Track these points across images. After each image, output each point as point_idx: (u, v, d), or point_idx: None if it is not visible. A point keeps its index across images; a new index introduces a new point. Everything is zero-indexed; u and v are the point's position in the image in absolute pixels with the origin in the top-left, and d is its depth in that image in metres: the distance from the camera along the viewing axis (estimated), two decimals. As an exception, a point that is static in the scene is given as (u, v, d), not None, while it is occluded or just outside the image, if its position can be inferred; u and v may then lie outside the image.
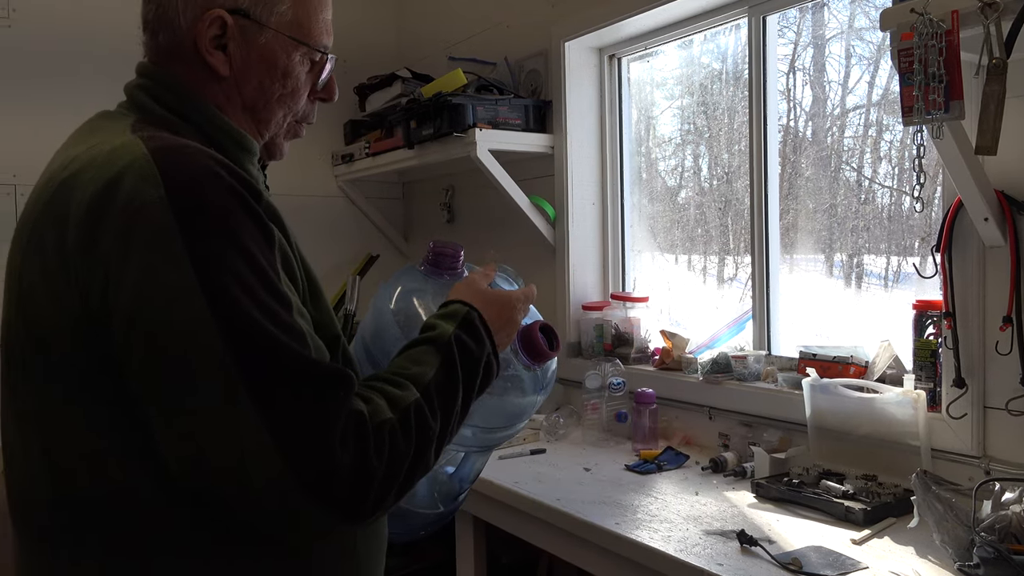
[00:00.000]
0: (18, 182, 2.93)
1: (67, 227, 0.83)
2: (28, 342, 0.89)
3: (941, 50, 1.42)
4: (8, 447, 0.97)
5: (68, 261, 0.83)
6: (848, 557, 1.46)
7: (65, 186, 0.86)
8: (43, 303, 0.86)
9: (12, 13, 2.92)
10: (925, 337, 1.80)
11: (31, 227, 0.90)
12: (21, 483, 0.95)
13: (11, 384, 0.95)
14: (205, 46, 0.95)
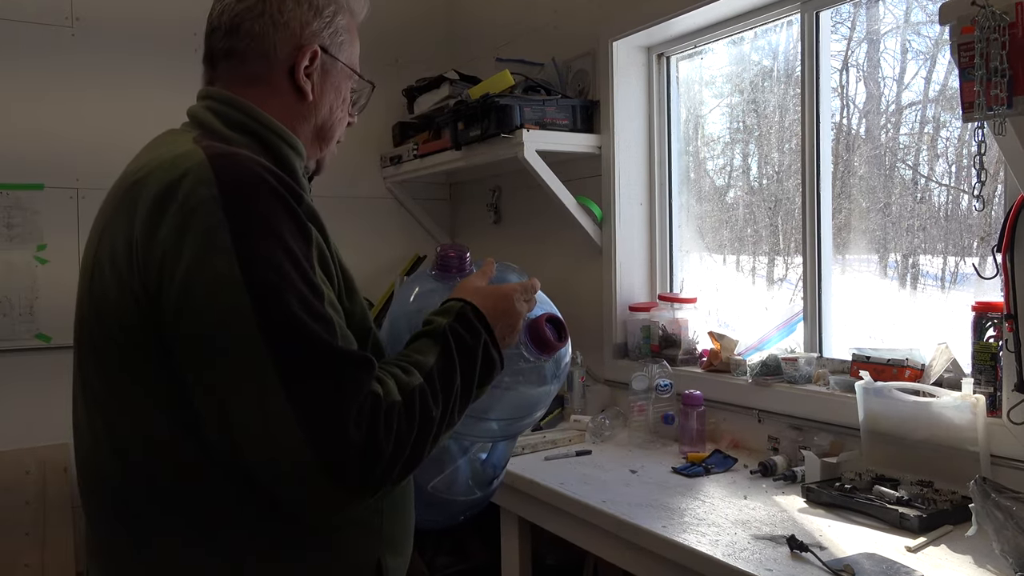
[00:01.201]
0: (80, 186, 3.03)
1: (135, 221, 0.94)
2: (99, 330, 1.00)
3: (1004, 43, 1.38)
4: (80, 433, 1.07)
5: (133, 250, 0.93)
6: (903, 565, 1.42)
7: (135, 187, 0.98)
8: (112, 291, 0.96)
9: (76, 22, 3.02)
10: (985, 340, 1.75)
11: (103, 225, 1.02)
12: (93, 466, 1.05)
13: (84, 375, 1.05)
14: (300, 75, 1.10)
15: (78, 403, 1.08)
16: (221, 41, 1.09)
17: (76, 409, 1.09)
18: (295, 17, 1.09)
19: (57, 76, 2.98)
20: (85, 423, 1.06)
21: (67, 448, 2.99)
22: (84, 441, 1.07)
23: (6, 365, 2.94)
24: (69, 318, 2.06)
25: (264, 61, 1.08)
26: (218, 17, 1.09)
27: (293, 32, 1.09)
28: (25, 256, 2.96)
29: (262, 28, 1.07)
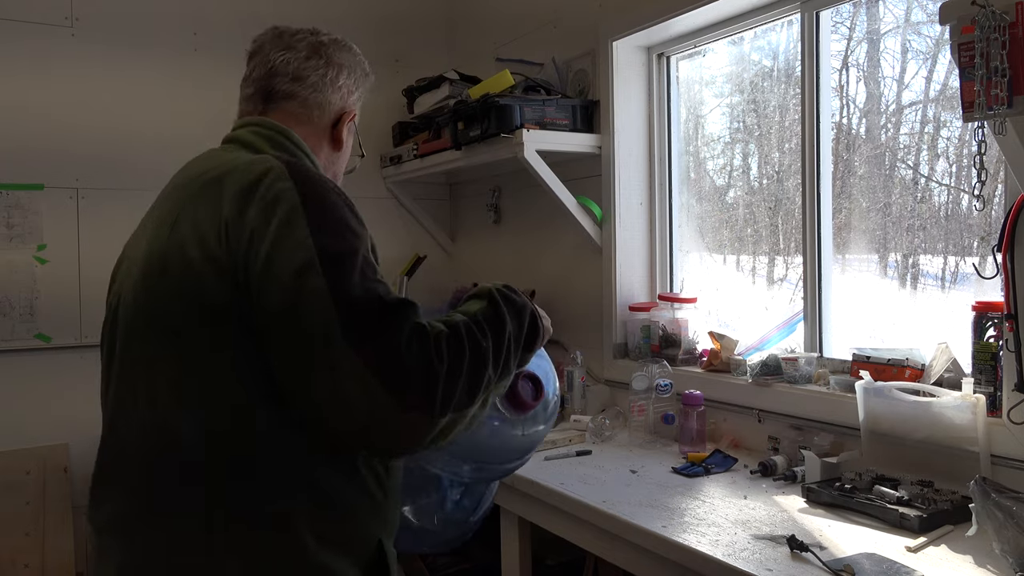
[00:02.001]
0: (80, 186, 3.03)
1: (221, 207, 1.09)
2: (178, 310, 1.08)
3: (1004, 43, 1.38)
4: (133, 414, 1.12)
5: (222, 229, 1.07)
6: (903, 565, 1.42)
7: (214, 183, 1.13)
8: (197, 272, 1.07)
9: (76, 22, 3.02)
10: (985, 340, 1.75)
11: (173, 219, 1.14)
12: (156, 443, 1.09)
13: (145, 356, 1.11)
14: (342, 129, 1.37)
15: (130, 386, 1.13)
16: (286, 85, 1.31)
17: (123, 393, 1.15)
18: (346, 85, 1.36)
19: (57, 76, 2.98)
20: (143, 403, 1.11)
21: (67, 448, 2.99)
22: (140, 421, 1.11)
23: (6, 365, 2.93)
24: (69, 318, 2.11)
25: (318, 110, 1.32)
26: (283, 64, 1.32)
27: (342, 96, 1.36)
28: (25, 256, 2.95)
29: (323, 85, 1.33)
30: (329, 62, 1.35)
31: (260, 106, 1.32)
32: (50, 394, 2.99)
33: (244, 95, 1.36)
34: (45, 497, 2.90)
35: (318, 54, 1.35)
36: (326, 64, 1.34)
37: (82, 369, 3.04)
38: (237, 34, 3.29)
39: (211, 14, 3.25)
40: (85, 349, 3.05)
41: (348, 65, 1.37)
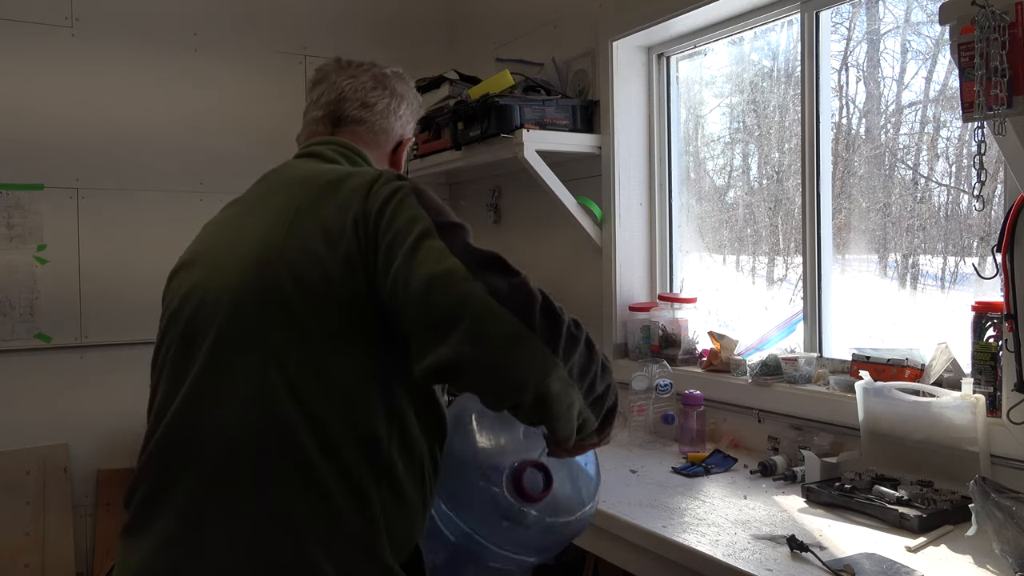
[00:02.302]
0: (80, 186, 3.03)
1: (347, 202, 1.17)
2: (301, 304, 1.13)
3: (1004, 43, 1.38)
4: (240, 406, 1.12)
5: (349, 218, 1.15)
6: (903, 565, 1.42)
7: (332, 185, 1.22)
8: (330, 266, 1.13)
9: (76, 22, 3.02)
10: (985, 340, 1.75)
11: (291, 217, 1.19)
12: (272, 436, 1.10)
13: (258, 351, 1.13)
14: (401, 153, 1.49)
15: (225, 383, 1.14)
16: (355, 110, 1.41)
17: (211, 390, 1.15)
18: (405, 115, 1.49)
19: (57, 76, 2.98)
20: (249, 400, 1.12)
21: (67, 448, 2.99)
22: (239, 417, 1.12)
23: (6, 365, 2.93)
24: (69, 318, 2.11)
25: (384, 136, 1.45)
26: (352, 91, 1.41)
27: (402, 124, 1.49)
28: (25, 256, 2.96)
29: (388, 113, 1.45)
30: (393, 92, 1.47)
31: (330, 128, 1.42)
32: (50, 394, 2.99)
33: (312, 117, 1.45)
34: (45, 497, 2.90)
35: (382, 84, 1.46)
36: (390, 94, 1.46)
37: (82, 369, 3.05)
38: (237, 34, 3.30)
39: (211, 14, 3.25)
40: (85, 349, 3.05)
41: (408, 97, 1.51)
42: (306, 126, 1.47)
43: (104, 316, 3.07)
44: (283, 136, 3.40)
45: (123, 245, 3.09)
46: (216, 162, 3.26)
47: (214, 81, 3.26)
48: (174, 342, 1.24)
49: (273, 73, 3.37)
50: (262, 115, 3.35)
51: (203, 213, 3.61)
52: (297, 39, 3.41)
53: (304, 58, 3.43)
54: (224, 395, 1.14)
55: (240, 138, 3.31)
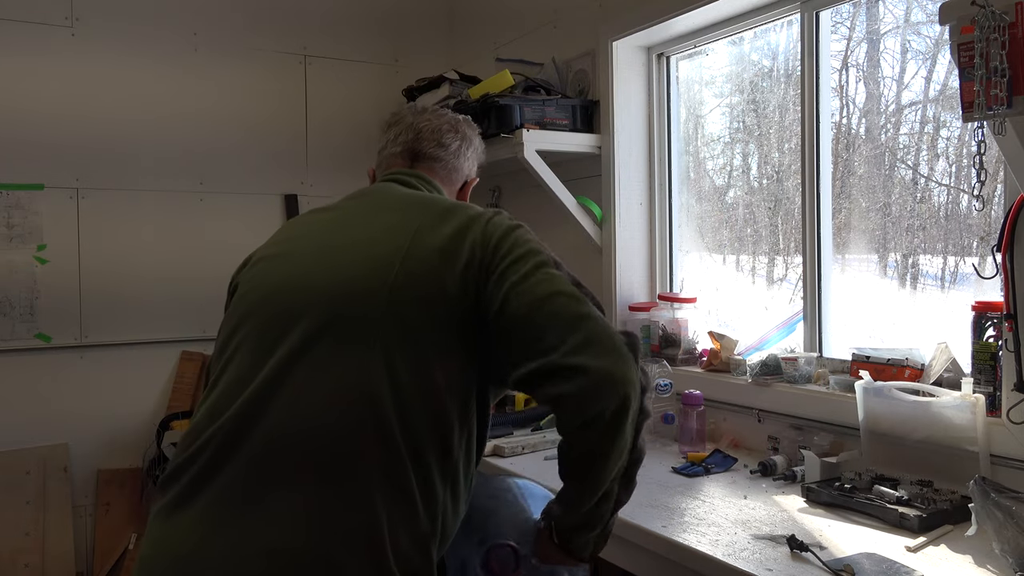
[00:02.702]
0: (80, 186, 3.03)
1: (465, 228, 1.27)
2: (431, 309, 1.21)
3: (1004, 43, 1.38)
4: (341, 400, 1.17)
5: (467, 243, 1.25)
6: (902, 565, 1.42)
7: (450, 212, 1.31)
8: (447, 278, 1.22)
9: (76, 22, 3.02)
10: (985, 339, 1.75)
11: (414, 233, 1.26)
12: (372, 430, 1.15)
13: (365, 340, 1.19)
14: (468, 190, 1.60)
15: (332, 370, 1.18)
16: (431, 148, 1.53)
17: (317, 375, 1.18)
18: (472, 157, 1.60)
19: (57, 76, 2.98)
20: (352, 390, 1.16)
21: (67, 448, 2.99)
22: (342, 402, 1.16)
23: (6, 365, 2.94)
24: (69, 318, 2.12)
25: (456, 173, 1.56)
26: (429, 132, 1.53)
27: (470, 165, 1.60)
28: (25, 256, 2.96)
29: (459, 154, 1.56)
30: (463, 136, 1.58)
31: (408, 162, 1.54)
32: (50, 394, 2.99)
33: (391, 152, 1.57)
34: (45, 497, 2.90)
35: (455, 128, 1.57)
36: (461, 137, 1.57)
37: (82, 369, 3.05)
38: (237, 34, 3.30)
39: (211, 14, 3.25)
40: (85, 349, 3.05)
41: (475, 142, 1.61)
42: (383, 160, 1.60)
43: (104, 316, 3.07)
44: (283, 136, 3.42)
45: (123, 245, 3.09)
46: (216, 162, 3.26)
47: (214, 81, 3.26)
48: (257, 327, 1.26)
49: (273, 73, 3.37)
50: (262, 115, 3.35)
51: (203, 213, 3.64)
52: (297, 39, 3.42)
53: (304, 58, 3.43)
54: (317, 382, 1.17)
55: (240, 138, 3.31)
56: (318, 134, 3.47)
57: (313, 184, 3.46)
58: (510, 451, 2.23)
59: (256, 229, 3.36)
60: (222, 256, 3.28)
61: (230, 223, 3.29)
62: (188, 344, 3.21)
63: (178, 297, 3.20)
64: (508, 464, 2.15)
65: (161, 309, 3.18)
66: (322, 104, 3.47)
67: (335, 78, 3.49)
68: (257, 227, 3.36)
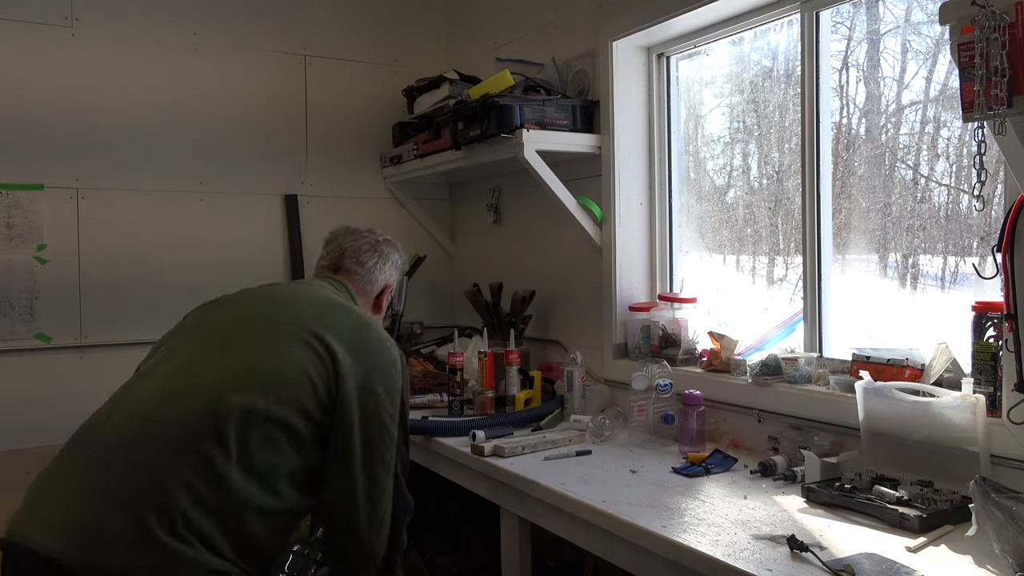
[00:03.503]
0: (80, 186, 3.03)
1: (335, 347, 1.66)
2: (289, 410, 1.59)
3: (1004, 43, 1.38)
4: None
5: (337, 361, 1.66)
6: (903, 565, 1.42)
7: (332, 316, 1.73)
8: (305, 386, 1.61)
9: (76, 22, 3.02)
10: (985, 340, 1.75)
11: (307, 331, 1.68)
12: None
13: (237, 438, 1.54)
14: (383, 300, 2.01)
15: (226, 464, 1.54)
16: (351, 264, 1.95)
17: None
18: (389, 270, 2.01)
19: (57, 76, 2.98)
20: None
21: (67, 448, 2.99)
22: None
23: (6, 365, 2.93)
24: (69, 318, 2.13)
25: (370, 285, 1.97)
26: (354, 252, 1.96)
27: (387, 277, 2.00)
28: (25, 256, 2.96)
29: (375, 269, 1.97)
30: (381, 254, 1.98)
31: (332, 268, 1.96)
32: (50, 394, 2.99)
33: (320, 264, 1.99)
34: (45, 497, 2.90)
35: (374, 248, 1.97)
36: (379, 255, 1.97)
37: (82, 369, 3.05)
38: (237, 34, 3.30)
39: (211, 14, 3.25)
40: (85, 349, 3.05)
41: (392, 259, 2.01)
42: (316, 270, 2.01)
43: (104, 316, 3.07)
44: (283, 136, 3.42)
45: (123, 245, 3.09)
46: (216, 162, 3.26)
47: (214, 81, 3.26)
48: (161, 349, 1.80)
49: (273, 73, 3.37)
50: (262, 115, 3.35)
51: (203, 213, 3.65)
52: (297, 39, 3.42)
53: (304, 58, 3.43)
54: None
55: (240, 138, 3.31)
56: (318, 134, 3.47)
57: (313, 184, 3.46)
58: (510, 451, 2.23)
59: (256, 229, 3.37)
60: (222, 256, 3.29)
61: (230, 223, 3.29)
62: (188, 344, 3.21)
63: (178, 297, 3.19)
64: (508, 464, 2.15)
65: (161, 309, 3.17)
66: (322, 104, 3.47)
67: (335, 78, 3.49)
68: (257, 227, 3.37)
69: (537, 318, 3.07)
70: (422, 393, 2.87)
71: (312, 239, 3.44)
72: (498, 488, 2.18)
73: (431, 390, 2.88)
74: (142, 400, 1.60)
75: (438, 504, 3.02)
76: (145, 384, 1.65)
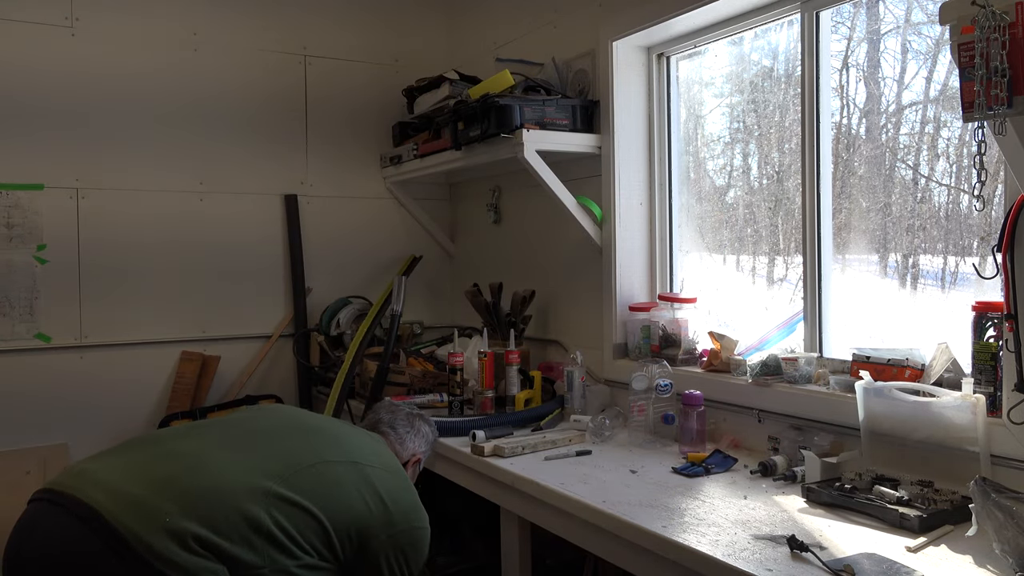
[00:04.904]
0: (80, 186, 3.03)
1: (378, 486, 1.80)
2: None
3: (1004, 43, 1.38)
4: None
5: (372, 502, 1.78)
6: (903, 565, 1.42)
7: (364, 468, 1.80)
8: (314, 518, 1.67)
9: (76, 22, 3.02)
10: (985, 340, 1.75)
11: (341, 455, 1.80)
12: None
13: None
14: (410, 465, 2.08)
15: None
16: (385, 428, 2.10)
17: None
18: (418, 441, 2.15)
19: (57, 76, 2.98)
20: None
21: (67, 448, 2.99)
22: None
23: (6, 365, 2.94)
24: (69, 318, 2.14)
25: (400, 448, 2.08)
26: (388, 419, 2.13)
27: (416, 446, 2.13)
28: (25, 256, 2.96)
29: (406, 438, 2.11)
30: (412, 426, 2.14)
31: (373, 426, 2.12)
32: (50, 394, 2.99)
33: (363, 424, 2.16)
34: (45, 497, 2.90)
35: (408, 421, 2.14)
36: (410, 427, 2.14)
37: (82, 369, 3.05)
38: (237, 34, 3.30)
39: (211, 14, 3.25)
40: (85, 349, 3.05)
41: (423, 432, 2.16)
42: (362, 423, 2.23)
43: (104, 316, 3.07)
44: (283, 136, 3.42)
45: (123, 245, 3.09)
46: (216, 162, 3.26)
47: (214, 81, 3.26)
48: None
49: (273, 73, 3.37)
50: (262, 115, 3.35)
51: (203, 213, 3.64)
52: (297, 39, 3.42)
53: (304, 58, 3.43)
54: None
55: (240, 138, 3.31)
56: (318, 134, 3.47)
57: (313, 184, 3.46)
58: (510, 451, 2.23)
59: (256, 229, 3.37)
60: (222, 256, 3.29)
61: (230, 223, 3.29)
62: (188, 344, 3.21)
63: (178, 297, 3.20)
64: (508, 464, 2.15)
65: (161, 309, 3.18)
66: (322, 104, 3.47)
67: (335, 78, 3.49)
68: (257, 227, 3.37)
69: (537, 318, 3.07)
70: (422, 393, 2.87)
71: (312, 239, 3.44)
72: (498, 488, 2.18)
73: (431, 390, 2.88)
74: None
75: (438, 504, 3.02)
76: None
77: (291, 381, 3.43)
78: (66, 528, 1.50)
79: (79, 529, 1.48)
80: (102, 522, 1.46)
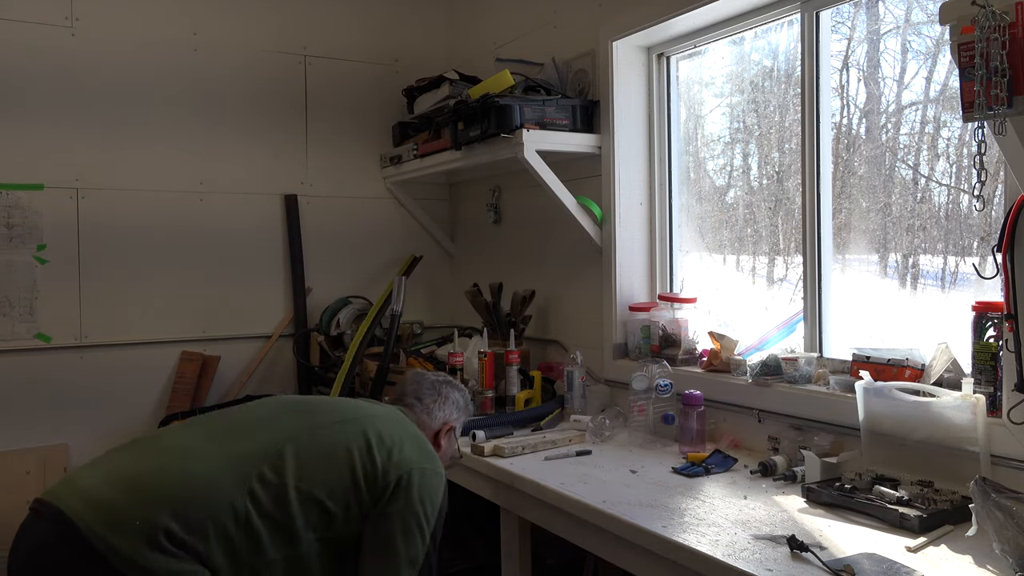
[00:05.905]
0: (80, 186, 3.03)
1: (403, 444, 1.82)
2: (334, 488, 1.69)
3: (1004, 43, 1.38)
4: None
5: (390, 459, 1.78)
6: (903, 565, 1.42)
7: (400, 423, 1.89)
8: (357, 473, 1.72)
9: (76, 22, 3.02)
10: (985, 340, 1.75)
11: (362, 425, 1.80)
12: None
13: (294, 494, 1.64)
14: (441, 435, 2.03)
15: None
16: (411, 400, 2.03)
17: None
18: (448, 408, 2.06)
19: (57, 76, 2.98)
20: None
21: (67, 448, 2.99)
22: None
23: (6, 365, 2.93)
24: (69, 318, 2.12)
25: (429, 418, 2.02)
26: (413, 390, 2.05)
27: (445, 415, 2.05)
28: (25, 256, 2.96)
29: (433, 408, 2.04)
30: (439, 394, 2.06)
31: (399, 398, 2.06)
32: (50, 394, 2.99)
33: (391, 397, 2.12)
34: (45, 497, 2.90)
35: (435, 389, 2.07)
36: (437, 394, 2.06)
37: (82, 369, 3.05)
38: (237, 34, 3.30)
39: (211, 14, 3.25)
40: (85, 349, 3.05)
41: (452, 398, 2.07)
42: (389, 395, 2.30)
43: (104, 316, 3.07)
44: (283, 136, 3.42)
45: (122, 245, 3.09)
46: (216, 162, 3.26)
47: (214, 81, 3.26)
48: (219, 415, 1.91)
49: (273, 73, 3.37)
50: (262, 115, 3.35)
51: (203, 213, 3.63)
52: (297, 39, 3.42)
53: (304, 58, 3.43)
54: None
55: (240, 138, 3.31)
56: (318, 134, 3.47)
57: (313, 184, 3.46)
58: (510, 451, 2.23)
59: (256, 229, 3.37)
60: (222, 256, 3.29)
61: (230, 223, 3.29)
62: (188, 344, 3.21)
63: (178, 297, 3.20)
64: (508, 464, 2.15)
65: (160, 309, 3.18)
66: (322, 104, 3.47)
67: (335, 78, 3.49)
68: (257, 227, 3.37)
69: (537, 318, 3.07)
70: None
71: (312, 239, 3.44)
72: (498, 488, 2.18)
73: (431, 390, 2.88)
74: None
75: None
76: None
77: (291, 381, 3.43)
78: (44, 536, 1.52)
79: (54, 537, 1.50)
80: (72, 527, 1.48)
